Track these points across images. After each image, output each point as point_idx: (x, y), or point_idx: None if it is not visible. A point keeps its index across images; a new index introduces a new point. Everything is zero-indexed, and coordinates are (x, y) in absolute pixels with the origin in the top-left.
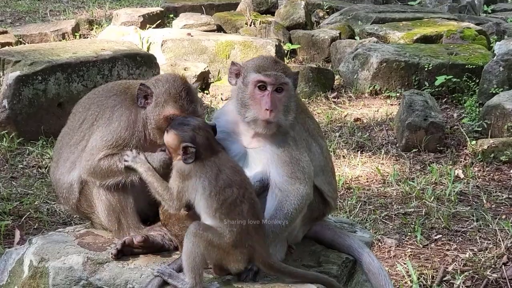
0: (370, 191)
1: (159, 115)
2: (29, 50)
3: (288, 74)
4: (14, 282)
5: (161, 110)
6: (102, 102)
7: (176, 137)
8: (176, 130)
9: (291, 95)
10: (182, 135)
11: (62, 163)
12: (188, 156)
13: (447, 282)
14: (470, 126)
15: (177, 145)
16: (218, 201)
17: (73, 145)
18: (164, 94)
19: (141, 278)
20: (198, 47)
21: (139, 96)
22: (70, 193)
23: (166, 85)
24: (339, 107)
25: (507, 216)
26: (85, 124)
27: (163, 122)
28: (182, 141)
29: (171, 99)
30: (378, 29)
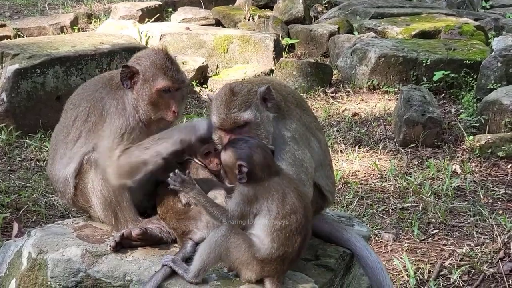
0: (368, 185)
1: (151, 90)
2: (27, 43)
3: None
4: (13, 274)
5: (152, 84)
6: (90, 97)
7: (232, 155)
8: (233, 148)
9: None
10: (238, 152)
11: (58, 159)
12: (242, 176)
13: (443, 276)
14: (467, 122)
15: (234, 163)
16: (282, 225)
17: (69, 142)
18: (151, 68)
19: (139, 270)
20: (196, 41)
21: (123, 79)
22: (66, 187)
23: (150, 59)
24: (337, 102)
25: (504, 211)
26: (78, 120)
27: (156, 96)
28: (236, 160)
29: (159, 71)
30: (376, 24)
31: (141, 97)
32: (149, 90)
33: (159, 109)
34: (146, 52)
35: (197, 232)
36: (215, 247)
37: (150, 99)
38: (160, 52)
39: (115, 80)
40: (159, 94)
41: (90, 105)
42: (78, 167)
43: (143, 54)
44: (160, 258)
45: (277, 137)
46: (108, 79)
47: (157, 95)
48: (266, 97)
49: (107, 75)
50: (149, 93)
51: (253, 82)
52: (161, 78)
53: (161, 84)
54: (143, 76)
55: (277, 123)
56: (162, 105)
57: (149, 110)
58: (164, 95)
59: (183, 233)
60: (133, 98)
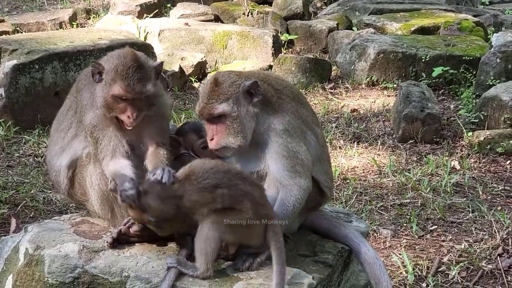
0: (366, 181)
1: (108, 93)
2: (26, 38)
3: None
4: (10, 269)
5: (109, 88)
6: (78, 89)
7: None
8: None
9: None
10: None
11: (52, 147)
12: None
13: (442, 273)
14: (466, 118)
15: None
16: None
17: (62, 130)
18: (112, 72)
19: (136, 266)
20: (195, 37)
21: (93, 73)
22: (59, 177)
23: (115, 62)
24: (336, 98)
25: (503, 207)
26: (70, 110)
27: (112, 100)
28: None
29: (118, 77)
30: (375, 20)
31: (100, 95)
32: (106, 93)
33: (113, 111)
34: (117, 53)
35: None
36: (213, 236)
37: (105, 101)
38: (128, 57)
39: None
40: (114, 99)
41: (77, 96)
42: (74, 159)
43: (114, 54)
44: (157, 254)
45: (267, 131)
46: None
47: (112, 99)
48: (251, 91)
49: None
50: (106, 96)
51: (243, 74)
52: (117, 84)
53: (115, 91)
54: (105, 77)
55: (266, 118)
56: (117, 109)
57: (103, 109)
58: (120, 101)
59: None
60: (98, 92)
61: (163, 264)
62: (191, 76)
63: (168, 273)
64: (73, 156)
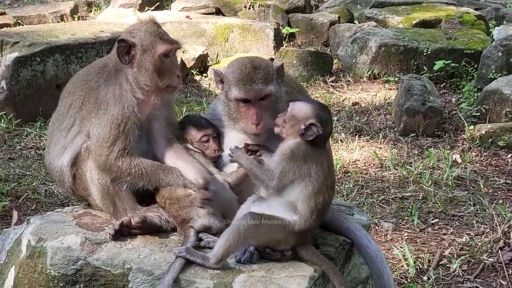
0: (368, 175)
1: (154, 57)
2: (27, 31)
3: (270, 78)
4: (12, 261)
5: (153, 51)
6: (85, 86)
7: (308, 110)
8: (309, 104)
9: (276, 97)
10: (315, 111)
11: (53, 147)
12: (309, 134)
13: (443, 266)
14: (468, 111)
15: (305, 118)
16: (323, 198)
17: (63, 129)
18: (147, 37)
19: (138, 259)
20: (196, 30)
21: (120, 54)
22: (62, 176)
23: (143, 29)
24: (338, 91)
25: (504, 201)
26: (72, 108)
27: (160, 63)
28: (312, 117)
29: (156, 37)
30: (377, 13)
31: (145, 68)
32: (151, 58)
33: (164, 76)
34: (135, 25)
35: (198, 220)
36: (244, 234)
37: (154, 66)
38: (149, 21)
39: (109, 67)
40: (161, 60)
41: (85, 93)
42: (74, 156)
43: (134, 27)
44: (159, 246)
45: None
46: (101, 67)
47: (160, 61)
48: (279, 73)
49: (99, 63)
50: (152, 61)
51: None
52: (160, 43)
53: (162, 49)
54: (142, 47)
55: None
56: (166, 71)
57: (155, 78)
58: (166, 60)
59: (184, 221)
60: (133, 73)
61: (165, 256)
62: (193, 69)
63: (173, 265)
64: (74, 152)
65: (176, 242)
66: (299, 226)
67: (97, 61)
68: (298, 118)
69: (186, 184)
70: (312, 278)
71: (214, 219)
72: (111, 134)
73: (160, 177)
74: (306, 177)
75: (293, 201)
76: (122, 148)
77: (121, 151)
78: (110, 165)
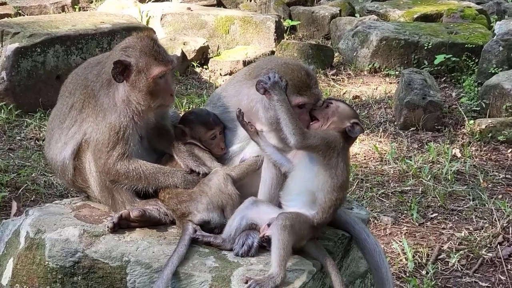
0: (368, 168)
1: (147, 79)
2: (28, 22)
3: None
4: (10, 253)
5: (147, 73)
6: (84, 90)
7: (350, 111)
8: (349, 106)
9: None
10: (355, 113)
11: (54, 144)
12: (355, 132)
13: (442, 260)
14: (468, 106)
15: (349, 117)
16: (342, 194)
17: (65, 128)
18: (142, 58)
19: (137, 251)
20: (197, 22)
21: (115, 75)
22: (65, 169)
23: (138, 48)
24: (338, 84)
25: (503, 195)
26: (74, 110)
27: (153, 84)
28: (355, 117)
29: (151, 58)
30: (378, 6)
31: (138, 89)
32: (145, 80)
33: (158, 96)
34: (131, 41)
35: (197, 214)
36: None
37: (148, 88)
38: (145, 39)
39: (106, 74)
40: (155, 82)
41: (84, 97)
42: (76, 148)
43: (129, 44)
44: (158, 239)
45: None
46: (99, 71)
47: (154, 83)
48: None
49: (98, 66)
50: (146, 83)
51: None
52: (155, 65)
53: (157, 71)
54: (137, 68)
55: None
56: (159, 92)
57: (148, 99)
58: (160, 82)
59: (183, 215)
60: (126, 92)
61: (164, 249)
62: (193, 61)
63: (171, 259)
64: (76, 145)
65: (175, 235)
66: (317, 220)
67: (96, 60)
68: (343, 116)
69: (188, 187)
70: (311, 273)
71: (213, 213)
72: (109, 140)
73: (160, 180)
74: (333, 169)
75: (314, 191)
76: (121, 153)
77: (120, 155)
78: (108, 169)
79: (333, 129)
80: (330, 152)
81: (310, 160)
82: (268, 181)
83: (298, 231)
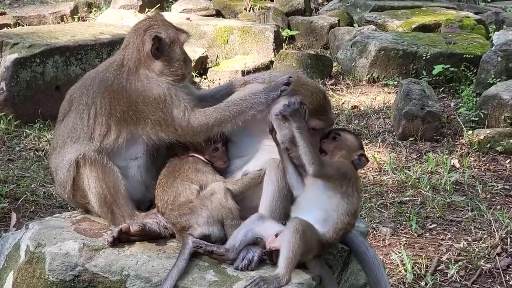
0: (366, 179)
1: (181, 47)
2: (27, 32)
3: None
4: (10, 266)
5: (179, 42)
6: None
7: (357, 143)
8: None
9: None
10: (361, 144)
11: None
12: (361, 164)
13: (441, 271)
14: (467, 116)
15: (356, 149)
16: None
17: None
18: (169, 29)
19: (136, 265)
20: (196, 32)
21: (154, 51)
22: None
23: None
24: (337, 94)
25: (502, 206)
26: (100, 116)
27: (183, 51)
28: (361, 149)
29: (173, 29)
30: (376, 17)
31: (174, 59)
32: (179, 48)
33: (187, 62)
34: (148, 22)
35: (197, 228)
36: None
37: (182, 55)
38: (158, 15)
39: (128, 65)
40: (183, 49)
41: (110, 98)
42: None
43: (148, 24)
44: (158, 253)
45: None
46: (116, 70)
47: (183, 50)
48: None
49: (110, 68)
50: (180, 51)
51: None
52: (180, 33)
53: (183, 38)
54: (169, 39)
55: None
56: (187, 58)
57: (184, 67)
58: (184, 49)
59: (183, 228)
60: (161, 66)
61: (164, 263)
62: (192, 71)
63: (171, 273)
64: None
65: (175, 249)
66: (327, 238)
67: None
68: (351, 149)
69: (268, 101)
70: (310, 286)
71: (214, 227)
72: (164, 112)
73: (242, 110)
74: (350, 196)
75: (328, 210)
76: (184, 109)
77: (185, 112)
78: (191, 131)
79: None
80: (346, 181)
81: (324, 185)
82: (270, 194)
83: (309, 240)
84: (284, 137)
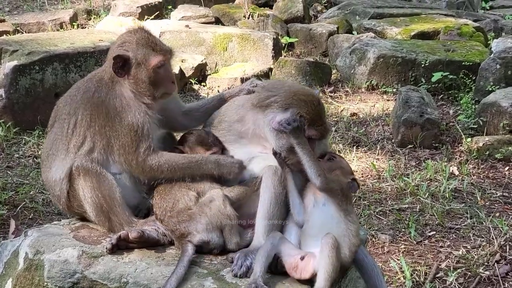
0: (365, 186)
1: (148, 70)
2: (26, 39)
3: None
4: (9, 274)
5: (147, 64)
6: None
7: (349, 167)
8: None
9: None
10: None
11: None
12: (354, 187)
13: (440, 279)
14: (465, 123)
15: (348, 173)
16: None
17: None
18: (139, 50)
19: (135, 272)
20: (196, 39)
21: (116, 69)
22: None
23: (134, 41)
24: (336, 101)
25: (501, 213)
26: (80, 127)
27: (154, 74)
28: (352, 174)
29: (148, 49)
30: (375, 24)
31: (140, 80)
32: (146, 71)
33: (159, 86)
34: (126, 36)
35: (196, 234)
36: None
37: (149, 79)
38: (140, 31)
39: (105, 79)
40: (155, 72)
41: (91, 110)
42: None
43: (124, 39)
44: (156, 260)
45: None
46: (98, 81)
47: (154, 73)
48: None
49: (93, 79)
50: (146, 74)
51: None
52: (153, 55)
53: (156, 61)
54: (136, 60)
55: None
56: (160, 81)
57: (151, 90)
58: (159, 71)
59: (182, 235)
60: (129, 85)
61: (162, 270)
62: (191, 78)
63: (169, 280)
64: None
65: (173, 256)
66: (346, 259)
67: (88, 78)
68: (345, 172)
69: (222, 173)
70: None
71: (213, 234)
72: (133, 140)
73: (193, 169)
74: (352, 214)
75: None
76: (147, 148)
77: (146, 150)
78: (142, 167)
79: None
80: (347, 199)
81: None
82: (267, 201)
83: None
84: (283, 147)
